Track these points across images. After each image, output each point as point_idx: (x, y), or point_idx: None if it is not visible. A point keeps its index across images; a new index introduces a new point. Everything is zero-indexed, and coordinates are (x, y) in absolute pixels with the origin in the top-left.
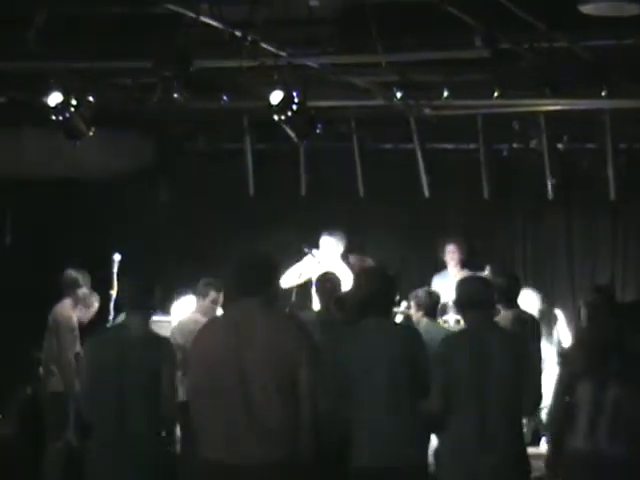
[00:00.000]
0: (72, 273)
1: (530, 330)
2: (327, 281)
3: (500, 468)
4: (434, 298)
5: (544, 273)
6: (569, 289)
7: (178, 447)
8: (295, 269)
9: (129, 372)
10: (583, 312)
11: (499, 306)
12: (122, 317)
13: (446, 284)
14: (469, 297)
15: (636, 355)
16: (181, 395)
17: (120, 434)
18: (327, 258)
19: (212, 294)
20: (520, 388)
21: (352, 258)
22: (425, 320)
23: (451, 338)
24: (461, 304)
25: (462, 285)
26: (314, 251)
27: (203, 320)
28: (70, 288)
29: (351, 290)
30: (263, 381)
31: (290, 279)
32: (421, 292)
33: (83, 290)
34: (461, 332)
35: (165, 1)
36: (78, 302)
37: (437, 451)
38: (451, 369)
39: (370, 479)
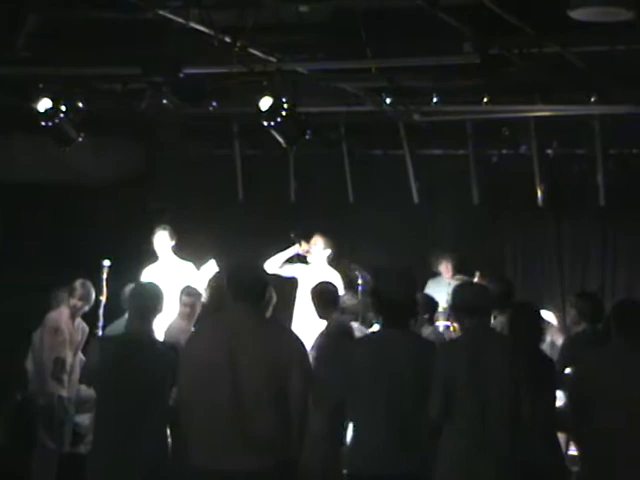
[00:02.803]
0: (74, 283)
1: None
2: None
3: (501, 474)
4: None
5: (534, 278)
6: (559, 294)
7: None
8: (279, 257)
9: (135, 379)
10: (570, 315)
11: (494, 311)
12: (120, 323)
13: (440, 290)
14: (466, 303)
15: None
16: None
17: (121, 440)
18: (316, 259)
19: (184, 299)
20: (519, 393)
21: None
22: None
23: (450, 344)
24: (458, 310)
25: (459, 291)
26: (303, 243)
27: (187, 326)
28: (67, 296)
29: (373, 295)
30: (255, 388)
31: (273, 265)
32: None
33: (74, 301)
34: (459, 338)
35: (155, 7)
36: (69, 311)
37: (437, 457)
38: (450, 375)
39: None
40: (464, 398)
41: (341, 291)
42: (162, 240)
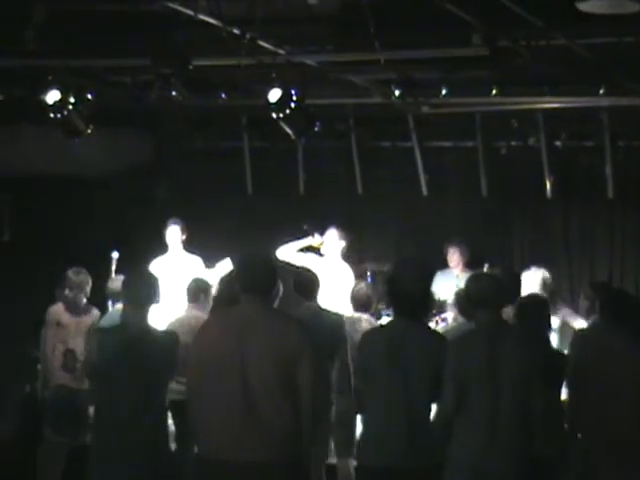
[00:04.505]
0: (67, 272)
1: None
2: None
3: (512, 469)
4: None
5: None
6: (567, 286)
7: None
8: (293, 245)
9: (134, 370)
10: (582, 308)
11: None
12: (115, 311)
13: (449, 282)
14: (480, 295)
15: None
16: (176, 393)
17: (124, 432)
18: (330, 251)
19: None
20: (531, 387)
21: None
22: None
23: (462, 338)
24: (472, 302)
25: (473, 283)
26: (316, 234)
27: (203, 316)
28: (61, 287)
29: (389, 285)
30: (264, 380)
31: (286, 253)
32: None
33: (66, 292)
34: (472, 331)
35: None
36: (64, 302)
37: (448, 452)
38: (463, 370)
39: (377, 478)
40: (476, 393)
41: (352, 283)
42: (173, 233)
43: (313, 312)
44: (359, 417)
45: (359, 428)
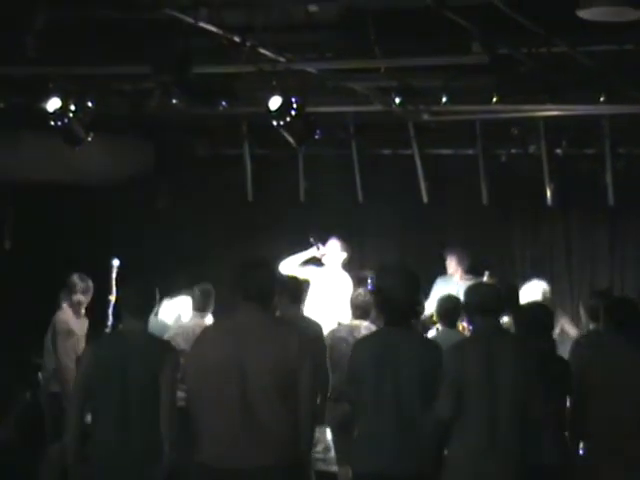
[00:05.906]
0: (72, 278)
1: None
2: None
3: (511, 474)
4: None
5: (543, 278)
6: (568, 294)
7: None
8: (297, 257)
9: (131, 376)
10: (583, 316)
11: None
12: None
13: (449, 288)
14: (478, 304)
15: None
16: (179, 399)
17: (120, 437)
18: (331, 262)
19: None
20: (529, 393)
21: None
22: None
23: (461, 344)
24: (470, 310)
25: (472, 292)
26: (320, 246)
27: (206, 324)
28: (68, 293)
29: (375, 294)
30: (263, 385)
31: (289, 266)
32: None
33: (77, 297)
34: (471, 338)
35: (164, 6)
36: (72, 307)
37: (446, 457)
38: (462, 375)
39: None
40: (474, 398)
41: (351, 291)
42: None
43: (291, 318)
44: None
45: None
